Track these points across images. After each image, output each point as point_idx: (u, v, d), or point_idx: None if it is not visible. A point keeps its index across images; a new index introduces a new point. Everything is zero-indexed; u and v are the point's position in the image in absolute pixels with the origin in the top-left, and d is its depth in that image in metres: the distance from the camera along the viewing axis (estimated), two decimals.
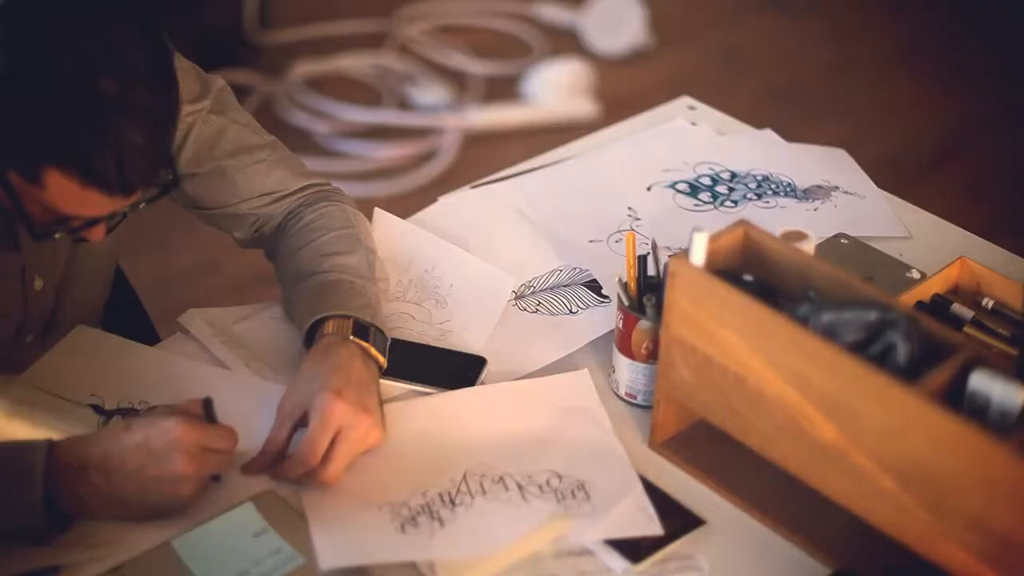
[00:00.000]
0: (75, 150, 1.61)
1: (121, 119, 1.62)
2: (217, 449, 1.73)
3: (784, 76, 5.09)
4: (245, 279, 3.82)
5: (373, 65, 5.00)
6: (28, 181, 1.66)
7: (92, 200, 1.67)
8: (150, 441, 1.69)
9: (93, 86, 1.60)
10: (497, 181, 2.39)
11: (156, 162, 1.70)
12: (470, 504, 1.75)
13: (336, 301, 1.91)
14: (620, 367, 1.91)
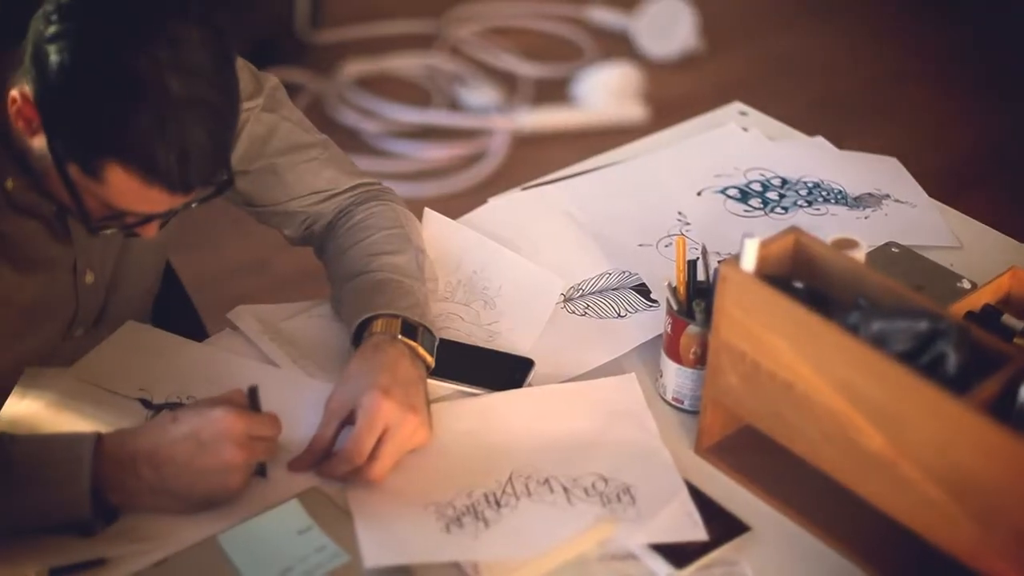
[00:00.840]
0: (139, 147, 1.62)
1: (185, 117, 1.63)
2: (263, 436, 1.74)
3: (834, 83, 5.07)
4: (292, 276, 3.83)
5: (423, 65, 5.00)
6: (88, 176, 1.67)
7: (152, 197, 1.68)
8: (199, 432, 1.70)
9: (159, 84, 1.61)
10: (547, 183, 2.39)
11: (217, 161, 1.72)
12: (515, 506, 1.75)
13: (385, 300, 1.92)
14: (668, 372, 1.91)
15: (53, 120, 1.66)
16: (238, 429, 1.70)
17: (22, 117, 1.70)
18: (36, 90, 1.66)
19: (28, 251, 1.92)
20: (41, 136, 1.70)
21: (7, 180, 1.85)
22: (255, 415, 1.75)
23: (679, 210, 2.31)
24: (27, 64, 1.67)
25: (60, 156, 1.68)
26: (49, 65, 1.62)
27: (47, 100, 1.65)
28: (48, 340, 2.05)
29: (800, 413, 1.68)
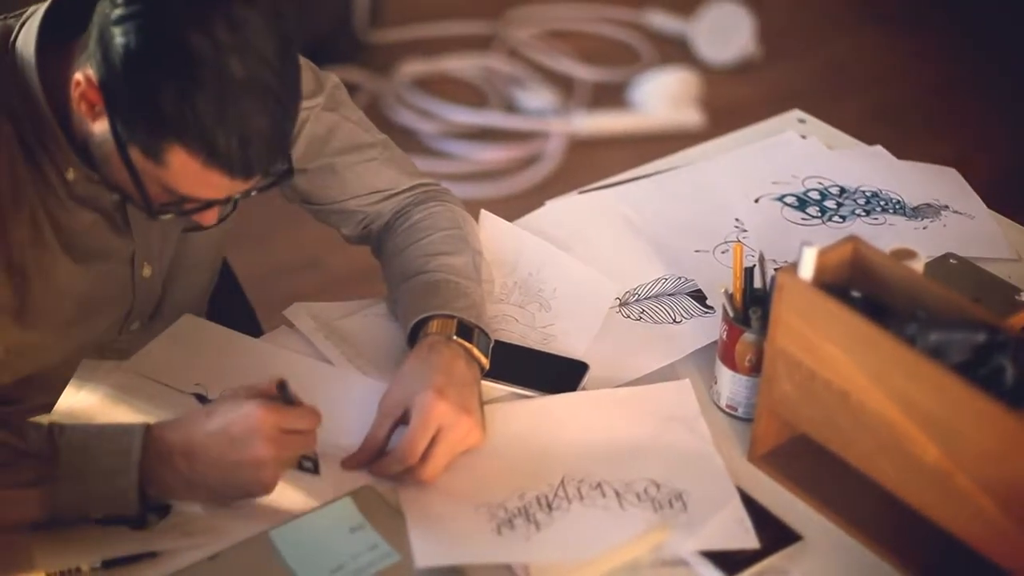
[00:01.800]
0: (199, 129, 1.63)
1: (247, 101, 1.64)
2: (298, 430, 1.74)
3: (891, 92, 5.05)
4: (346, 275, 3.84)
5: (480, 67, 5.01)
6: (150, 159, 1.68)
7: (212, 181, 1.69)
8: (230, 427, 1.70)
9: (221, 66, 1.62)
10: (604, 187, 2.38)
11: (277, 147, 1.72)
12: (567, 509, 1.75)
13: (441, 301, 1.92)
14: (722, 379, 1.91)
15: (116, 102, 1.67)
16: (269, 423, 1.70)
17: (85, 101, 1.71)
18: (100, 73, 1.67)
19: (87, 242, 1.94)
20: (103, 120, 1.71)
21: (68, 171, 1.86)
22: (289, 409, 1.74)
23: (736, 216, 2.30)
24: (92, 47, 1.68)
25: (122, 139, 1.69)
26: (113, 47, 1.63)
27: (111, 82, 1.66)
28: (104, 332, 2.06)
29: (855, 423, 1.67)
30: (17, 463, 1.68)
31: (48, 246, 1.90)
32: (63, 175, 1.86)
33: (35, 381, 2.05)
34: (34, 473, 1.68)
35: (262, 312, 2.48)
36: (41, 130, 1.82)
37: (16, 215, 1.85)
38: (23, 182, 1.84)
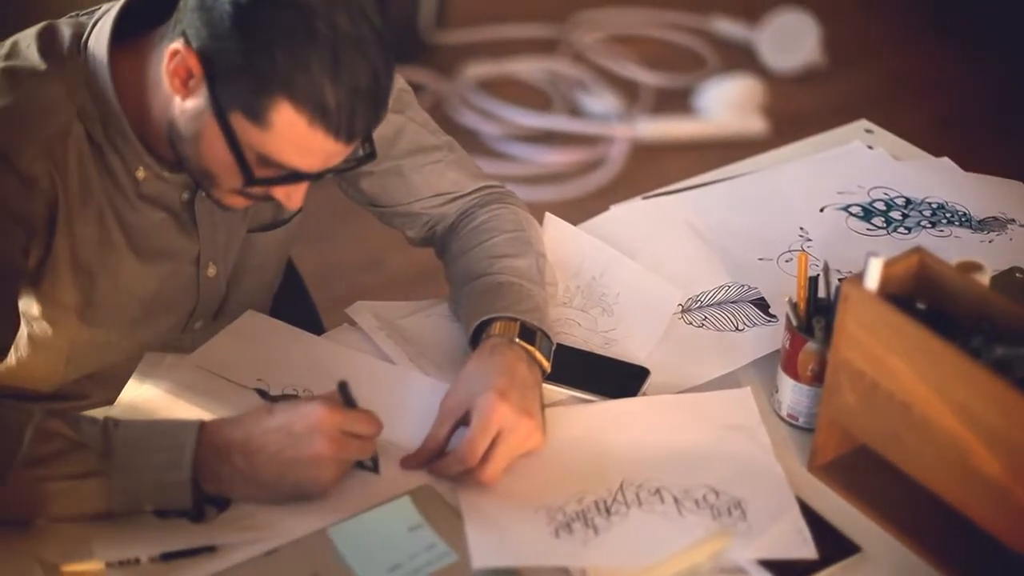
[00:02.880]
0: (311, 84, 1.65)
1: (354, 57, 1.66)
2: (359, 434, 1.75)
3: (958, 103, 5.01)
4: (407, 275, 3.85)
5: (545, 70, 5.01)
6: (253, 121, 1.70)
7: (313, 145, 1.71)
8: (291, 424, 1.71)
9: (330, 22, 1.64)
10: (669, 193, 2.38)
11: (379, 110, 1.74)
12: (625, 514, 1.75)
13: (504, 303, 1.93)
14: (784, 388, 1.90)
15: (219, 65, 1.69)
16: (330, 423, 1.71)
17: (179, 74, 1.73)
18: (201, 39, 1.69)
19: (153, 242, 1.95)
20: (198, 93, 1.73)
21: (138, 169, 1.88)
22: (351, 411, 1.75)
23: (801, 225, 2.29)
24: (188, 17, 1.70)
25: (223, 105, 1.71)
26: (219, 7, 1.66)
27: (215, 45, 1.68)
28: (168, 331, 2.07)
29: (917, 435, 1.66)
30: (71, 455, 1.70)
31: (115, 245, 1.92)
32: (132, 174, 1.88)
33: (99, 377, 2.07)
34: (88, 465, 1.69)
35: (324, 310, 2.50)
36: (112, 129, 1.84)
37: (84, 213, 1.87)
38: (92, 181, 1.86)
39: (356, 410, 1.76)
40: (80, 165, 1.84)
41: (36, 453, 1.68)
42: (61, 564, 1.67)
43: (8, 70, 1.82)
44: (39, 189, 1.81)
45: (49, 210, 1.84)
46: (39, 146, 1.79)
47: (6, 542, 1.70)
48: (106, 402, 1.93)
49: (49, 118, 1.81)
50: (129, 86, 1.82)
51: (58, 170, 1.82)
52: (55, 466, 1.69)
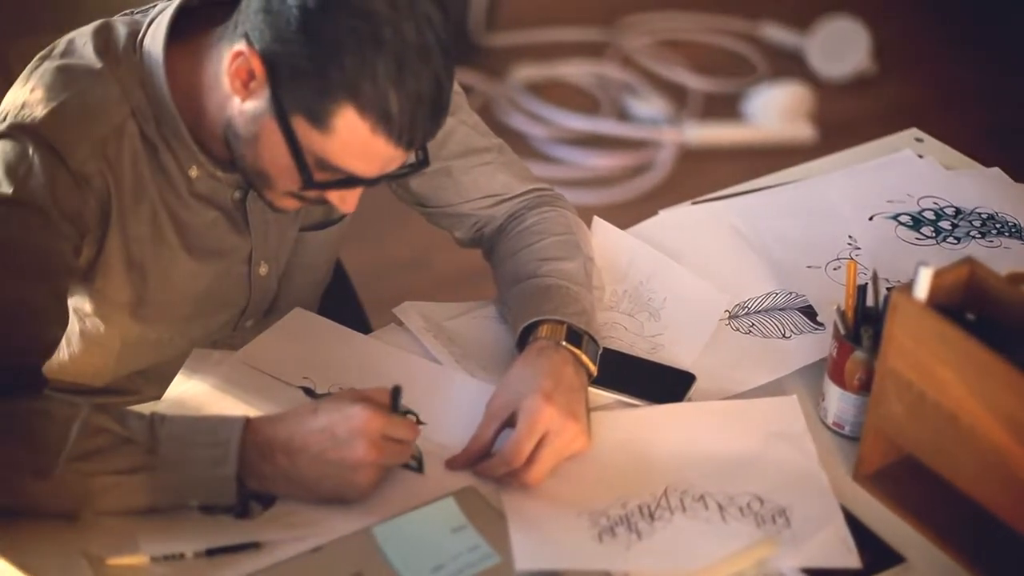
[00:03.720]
0: (377, 91, 1.66)
1: (420, 66, 1.67)
2: (398, 439, 1.75)
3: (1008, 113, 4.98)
4: (453, 275, 3.85)
5: (594, 73, 5.00)
6: (315, 125, 1.71)
7: (372, 150, 1.72)
8: (334, 426, 1.72)
9: (397, 29, 1.65)
10: (718, 199, 2.38)
11: (439, 118, 1.75)
12: (669, 520, 1.75)
13: (552, 306, 1.93)
14: (830, 396, 1.89)
15: (283, 68, 1.70)
16: (373, 428, 1.72)
17: (240, 76, 1.74)
18: (265, 41, 1.70)
19: (206, 241, 1.96)
20: (259, 95, 1.74)
21: (191, 168, 1.89)
22: (394, 417, 1.76)
23: (850, 234, 2.28)
24: (251, 17, 1.71)
25: (285, 109, 1.72)
26: (285, 11, 1.67)
27: (279, 48, 1.69)
28: (219, 329, 2.09)
29: (964, 446, 1.66)
30: (117, 450, 1.71)
31: (168, 243, 1.93)
32: (185, 172, 1.89)
33: (150, 373, 2.08)
34: (134, 460, 1.70)
35: (369, 309, 2.50)
36: (165, 128, 1.85)
37: (137, 212, 1.88)
38: (145, 179, 1.87)
39: (397, 416, 1.77)
40: (133, 163, 1.85)
41: (83, 447, 1.69)
42: (106, 558, 1.68)
43: (64, 68, 1.83)
44: (92, 187, 1.82)
45: (102, 208, 1.85)
46: (93, 144, 1.81)
47: (53, 535, 1.71)
48: (156, 398, 1.94)
49: (103, 117, 1.82)
50: (184, 85, 1.83)
51: (111, 168, 1.83)
52: (101, 461, 1.70)
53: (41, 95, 1.81)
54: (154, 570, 1.68)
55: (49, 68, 1.84)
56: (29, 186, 1.77)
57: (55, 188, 1.78)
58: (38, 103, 1.80)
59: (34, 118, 1.79)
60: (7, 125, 1.80)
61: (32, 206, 1.78)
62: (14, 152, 1.78)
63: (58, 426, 1.70)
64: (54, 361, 1.89)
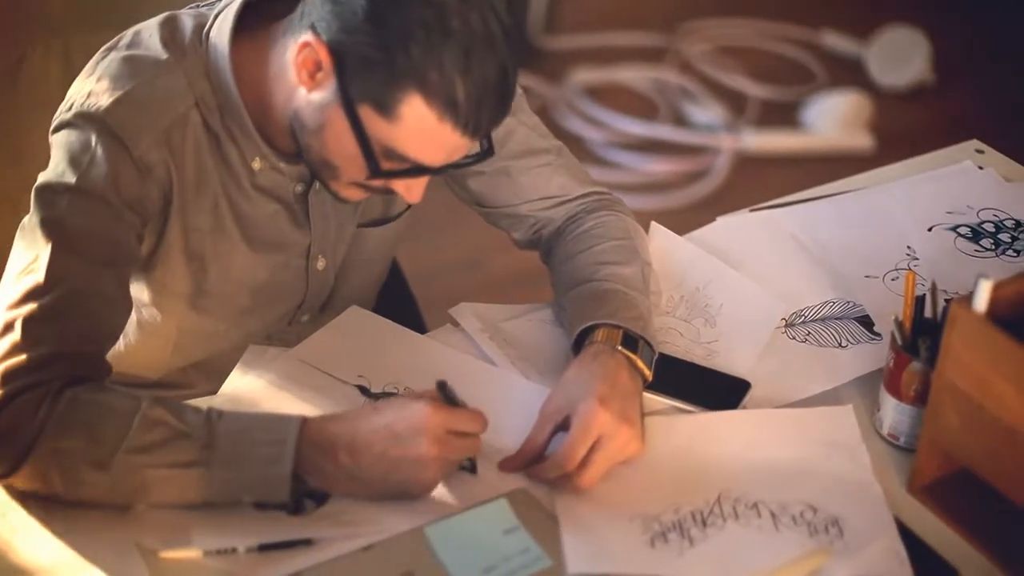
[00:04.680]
0: (444, 79, 1.67)
1: (485, 54, 1.68)
2: (464, 433, 1.75)
3: None
4: (507, 277, 3.86)
5: (652, 78, 5.00)
6: (382, 114, 1.72)
7: (439, 139, 1.73)
8: (396, 423, 1.72)
9: (463, 18, 1.66)
10: (776, 207, 2.37)
11: (505, 106, 1.76)
12: (722, 527, 1.74)
13: (608, 310, 1.92)
14: (886, 407, 1.89)
15: (351, 57, 1.71)
16: (435, 422, 1.72)
17: (307, 66, 1.75)
18: (332, 31, 1.71)
19: (265, 233, 1.97)
20: (326, 85, 1.75)
21: (254, 160, 1.90)
22: (456, 411, 1.76)
23: (908, 244, 2.27)
24: (319, 8, 1.72)
25: (352, 98, 1.73)
26: (352, 1, 1.68)
27: (347, 38, 1.70)
28: (275, 323, 2.10)
29: (1021, 460, 1.65)
30: (175, 443, 1.71)
31: (228, 234, 1.94)
32: (248, 164, 1.90)
33: (204, 366, 2.09)
34: (191, 455, 1.71)
35: (423, 308, 2.51)
36: (230, 119, 1.86)
37: (198, 202, 1.89)
38: (207, 170, 1.88)
39: (460, 408, 1.77)
40: (197, 154, 1.86)
41: (141, 440, 1.70)
42: (159, 550, 1.69)
43: (130, 58, 1.85)
44: (154, 177, 1.83)
45: (164, 197, 1.86)
46: (156, 134, 1.82)
47: (107, 527, 1.72)
48: (210, 391, 1.95)
49: (168, 107, 1.83)
50: (249, 78, 1.84)
51: (174, 159, 1.84)
52: (158, 454, 1.70)
53: (107, 85, 1.82)
54: (206, 564, 1.69)
55: (115, 59, 1.85)
56: (92, 175, 1.79)
57: (118, 177, 1.80)
58: (103, 92, 1.82)
59: (99, 107, 1.80)
60: (72, 114, 1.82)
61: (95, 194, 1.79)
62: (78, 141, 1.80)
63: (118, 418, 1.71)
64: (110, 352, 1.90)
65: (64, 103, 1.87)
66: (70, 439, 1.69)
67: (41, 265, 1.76)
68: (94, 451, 1.69)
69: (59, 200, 1.80)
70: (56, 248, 1.77)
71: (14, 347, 1.73)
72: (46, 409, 1.70)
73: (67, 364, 1.74)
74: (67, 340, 1.76)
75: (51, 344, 1.74)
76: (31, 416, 1.69)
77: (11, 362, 1.72)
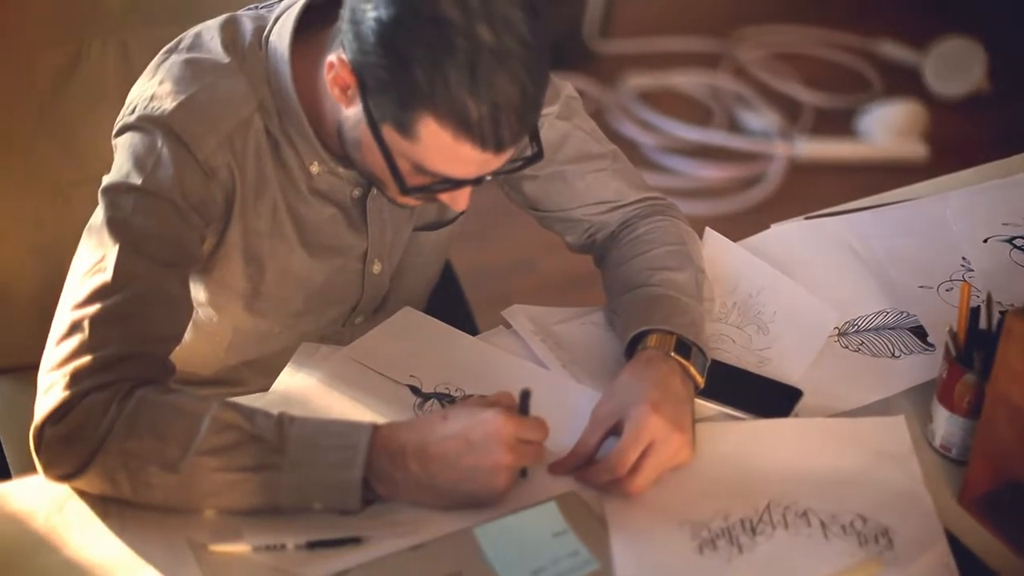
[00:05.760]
0: (451, 99, 1.64)
1: (497, 70, 1.64)
2: (531, 441, 1.75)
3: None
4: (557, 280, 3.86)
5: (706, 84, 4.99)
6: (402, 135, 1.71)
7: (462, 156, 1.70)
8: (469, 431, 1.71)
9: (472, 35, 1.62)
10: (830, 215, 2.36)
11: (527, 119, 1.71)
12: (771, 535, 1.74)
13: (661, 316, 1.92)
14: (938, 418, 1.88)
15: (368, 79, 1.70)
16: (508, 432, 1.71)
17: (338, 84, 1.75)
18: (352, 52, 1.70)
19: (323, 237, 1.98)
20: (356, 103, 1.75)
21: (312, 164, 1.91)
22: (525, 419, 1.76)
23: (963, 255, 2.26)
24: (344, 28, 1.71)
25: (375, 118, 1.72)
26: (365, 22, 1.66)
27: (363, 59, 1.69)
28: (328, 324, 2.11)
29: None
30: (245, 447, 1.71)
31: (286, 238, 1.95)
32: (306, 168, 1.91)
33: (257, 365, 2.11)
34: (261, 459, 1.71)
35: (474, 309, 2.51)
36: (289, 124, 1.87)
37: (258, 206, 1.91)
38: (267, 174, 1.89)
39: (528, 417, 1.77)
40: (257, 158, 1.88)
41: (211, 443, 1.70)
42: (209, 545, 1.70)
43: (192, 61, 1.86)
44: (218, 179, 1.85)
45: (226, 200, 1.88)
46: (220, 138, 1.83)
47: (159, 521, 1.73)
48: (262, 389, 1.96)
49: (231, 110, 1.84)
50: (306, 82, 1.85)
51: (237, 162, 1.85)
52: (228, 457, 1.70)
53: (170, 88, 1.83)
54: (255, 559, 1.70)
55: (177, 61, 1.86)
56: (158, 177, 1.80)
57: (183, 179, 1.81)
58: (167, 96, 1.83)
59: (163, 110, 1.82)
60: (136, 117, 1.83)
61: (161, 196, 1.81)
62: (143, 144, 1.82)
63: (188, 419, 1.71)
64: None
65: (126, 106, 1.88)
66: (139, 439, 1.69)
67: (108, 265, 1.77)
68: (163, 452, 1.69)
69: (125, 201, 1.81)
70: (123, 249, 1.78)
71: (81, 347, 1.73)
72: (115, 410, 1.70)
73: (134, 365, 1.75)
74: (134, 341, 1.76)
75: (118, 345, 1.74)
76: (100, 416, 1.70)
77: (79, 363, 1.72)
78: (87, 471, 1.71)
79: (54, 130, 2.26)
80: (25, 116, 2.24)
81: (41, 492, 1.77)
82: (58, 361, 1.73)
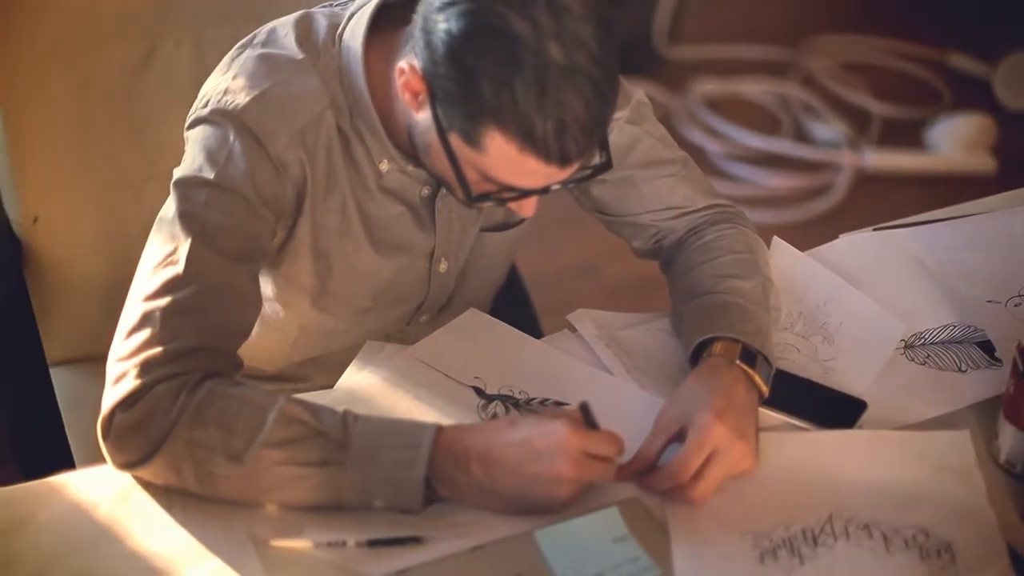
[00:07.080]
0: (518, 114, 1.64)
1: (565, 86, 1.64)
2: (600, 456, 1.75)
3: None
4: (620, 285, 3.86)
5: (774, 92, 4.97)
6: (469, 145, 1.71)
7: (528, 168, 1.71)
8: (534, 440, 1.71)
9: (541, 51, 1.63)
10: (899, 227, 2.35)
11: (594, 135, 1.71)
12: (832, 546, 1.74)
13: (727, 323, 1.92)
14: (1004, 434, 1.87)
15: (438, 89, 1.70)
16: (573, 443, 1.71)
17: (408, 89, 1.75)
18: (423, 60, 1.70)
19: (391, 235, 1.99)
20: (426, 109, 1.75)
21: (382, 162, 1.91)
22: (594, 433, 1.75)
23: None
24: (416, 36, 1.72)
25: (443, 126, 1.72)
26: (436, 33, 1.67)
27: (433, 69, 1.69)
28: (394, 322, 2.11)
29: None
30: (310, 442, 1.72)
31: (354, 235, 1.96)
32: (376, 166, 1.92)
33: (321, 362, 2.12)
34: (325, 454, 1.72)
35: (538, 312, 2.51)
36: (360, 121, 1.88)
37: (327, 202, 1.91)
38: (337, 171, 1.90)
39: (599, 431, 1.76)
40: (328, 155, 1.88)
41: (276, 436, 1.71)
42: (271, 539, 1.71)
43: (266, 57, 1.87)
44: (290, 175, 1.86)
45: (297, 196, 1.89)
46: (292, 133, 1.84)
47: (223, 516, 1.74)
48: (326, 386, 1.97)
49: (304, 107, 1.85)
50: (379, 81, 1.86)
51: (308, 158, 1.86)
52: (293, 450, 1.71)
53: (243, 83, 1.84)
54: (316, 555, 1.70)
55: (251, 56, 1.88)
56: (231, 171, 1.82)
57: (255, 174, 1.82)
58: (240, 90, 1.84)
59: (236, 105, 1.83)
60: (210, 111, 1.85)
61: (234, 190, 1.82)
62: (215, 138, 1.83)
63: (254, 411, 1.73)
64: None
65: (199, 100, 1.89)
66: (206, 429, 1.71)
67: (180, 257, 1.78)
68: (229, 442, 1.71)
69: (198, 194, 1.82)
70: (195, 242, 1.79)
71: (152, 338, 1.75)
72: (184, 399, 1.72)
73: (204, 358, 1.76)
74: (204, 334, 1.78)
75: (189, 337, 1.76)
76: (169, 406, 1.71)
77: (150, 353, 1.74)
78: (153, 459, 1.72)
79: (127, 125, 2.28)
80: (99, 111, 2.27)
81: (105, 482, 1.78)
82: (129, 351, 1.75)
